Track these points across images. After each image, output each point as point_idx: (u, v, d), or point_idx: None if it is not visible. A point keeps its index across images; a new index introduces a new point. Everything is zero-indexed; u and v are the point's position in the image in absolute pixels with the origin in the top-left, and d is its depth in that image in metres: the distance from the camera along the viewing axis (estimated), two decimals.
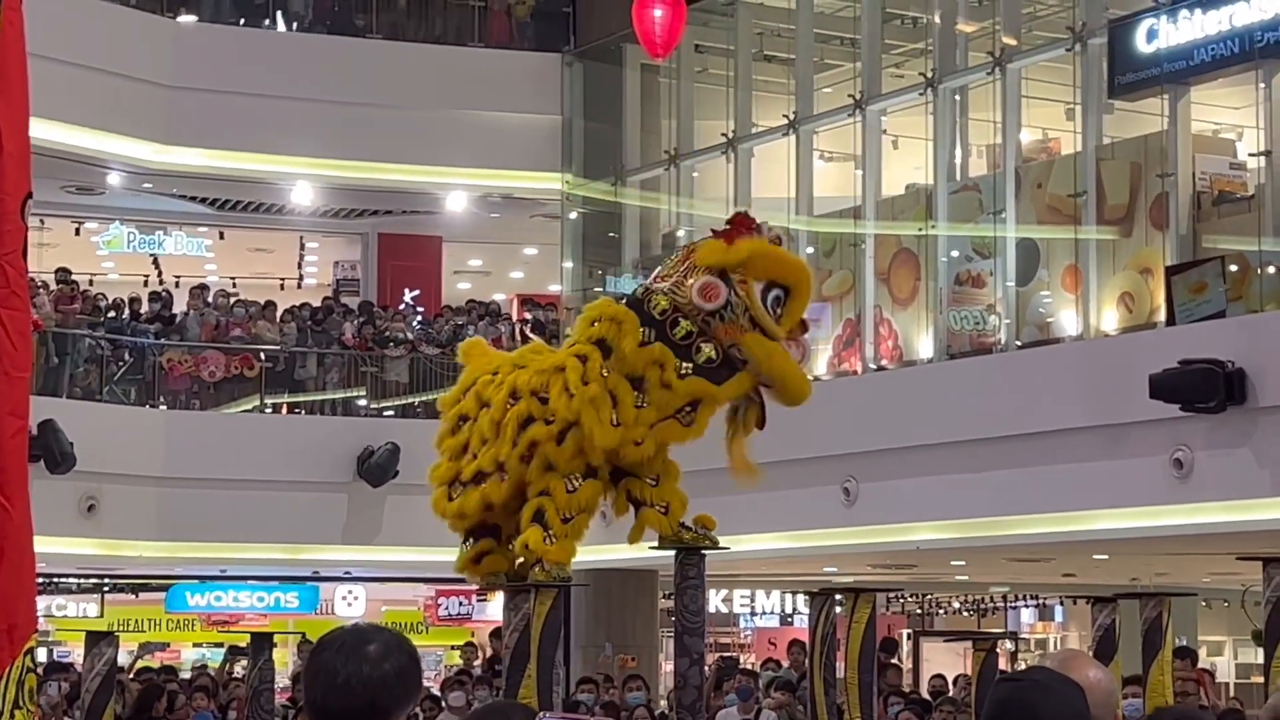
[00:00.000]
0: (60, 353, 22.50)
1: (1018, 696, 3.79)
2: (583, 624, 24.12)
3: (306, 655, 15.80)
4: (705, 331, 11.40)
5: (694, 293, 11.38)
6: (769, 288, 11.49)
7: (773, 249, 11.78)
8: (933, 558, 22.84)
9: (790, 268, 11.81)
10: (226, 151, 24.87)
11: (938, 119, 21.33)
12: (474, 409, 11.92)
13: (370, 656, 3.75)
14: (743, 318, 11.37)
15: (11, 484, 4.54)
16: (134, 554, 23.36)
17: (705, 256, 11.57)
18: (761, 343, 11.39)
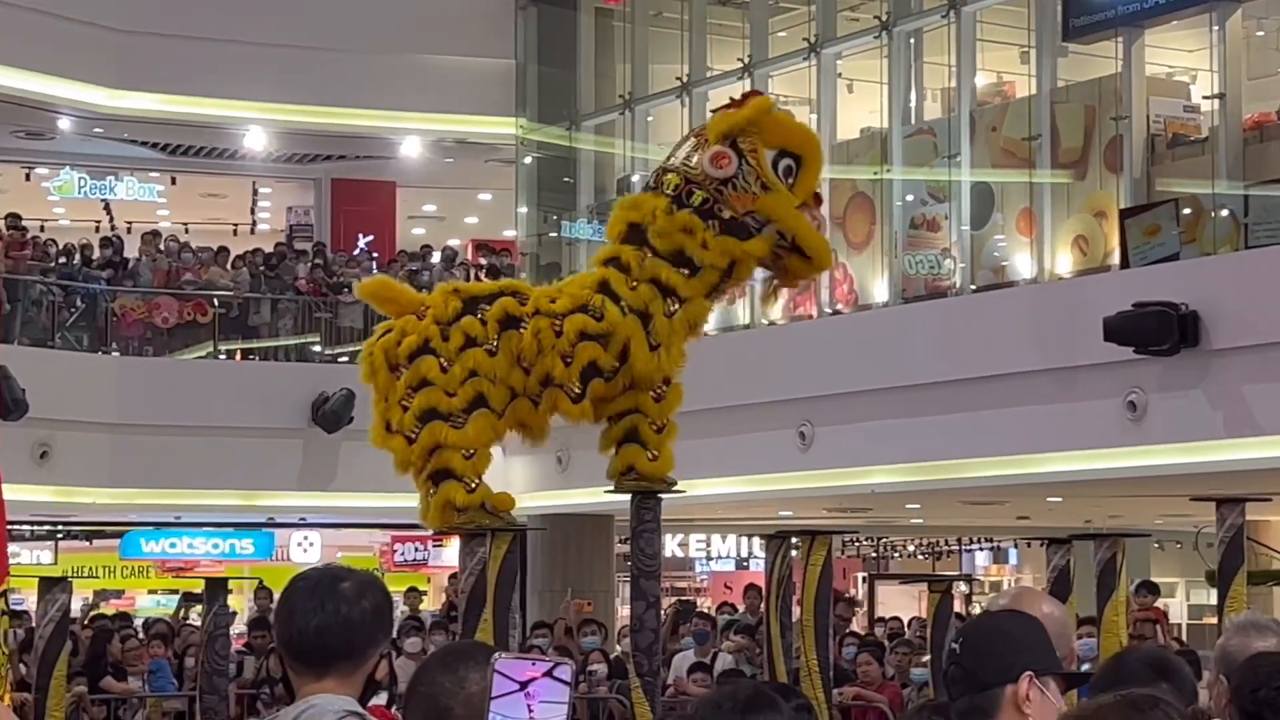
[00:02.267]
0: (11, 299, 22.41)
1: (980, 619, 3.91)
2: (539, 569, 24.20)
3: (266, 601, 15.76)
4: (719, 200, 11.39)
5: (705, 162, 11.38)
6: (780, 156, 11.45)
7: (782, 115, 11.83)
8: (887, 501, 22.96)
9: (800, 135, 11.80)
10: (178, 96, 24.73)
11: (892, 62, 21.35)
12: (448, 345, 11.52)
13: (346, 595, 3.77)
14: (754, 185, 11.36)
15: None
16: (88, 501, 23.32)
17: (715, 126, 11.58)
18: (777, 200, 11.38)
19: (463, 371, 11.31)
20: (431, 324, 11.41)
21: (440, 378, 11.30)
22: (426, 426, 11.30)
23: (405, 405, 11.37)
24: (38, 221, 26.68)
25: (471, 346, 11.34)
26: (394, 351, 11.47)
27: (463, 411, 11.30)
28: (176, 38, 24.29)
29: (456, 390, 11.29)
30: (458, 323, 11.39)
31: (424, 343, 11.39)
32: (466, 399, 11.31)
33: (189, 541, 28.16)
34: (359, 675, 3.78)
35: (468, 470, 11.33)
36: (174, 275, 24.77)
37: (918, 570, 33.88)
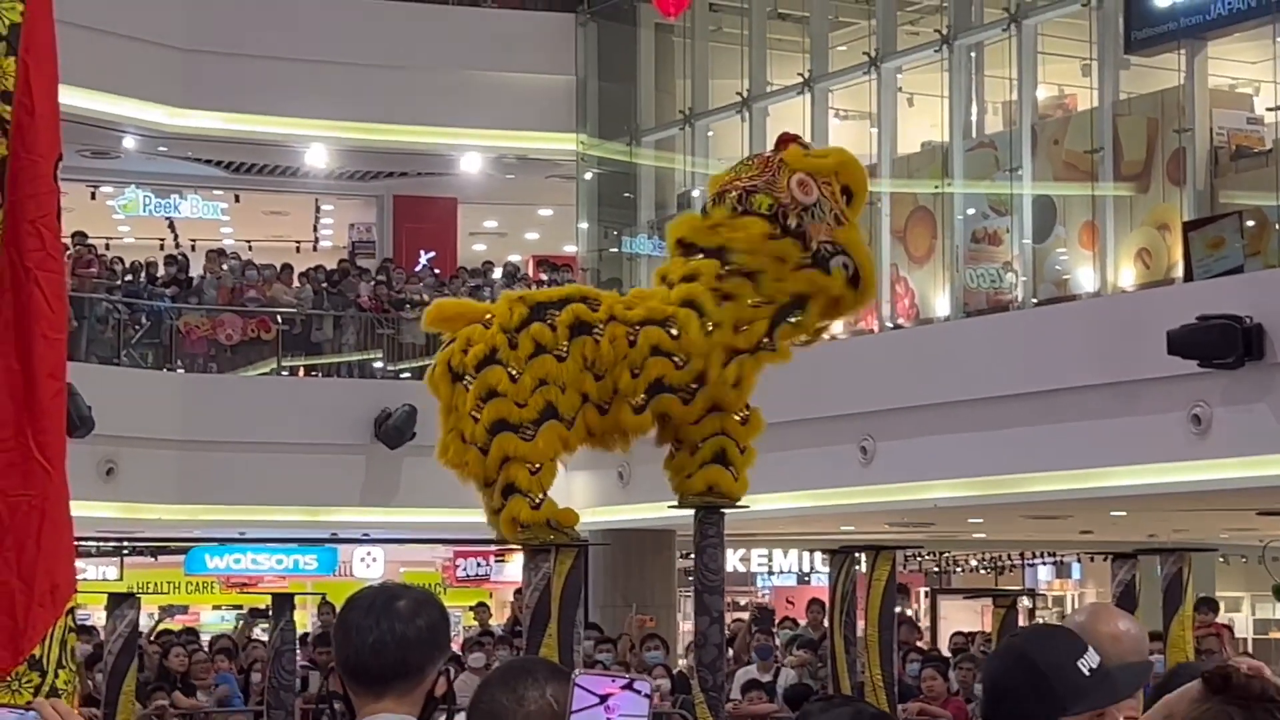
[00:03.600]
0: (78, 317, 22.56)
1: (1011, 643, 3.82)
2: (601, 584, 24.20)
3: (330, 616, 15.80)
4: (801, 225, 11.47)
5: (793, 186, 11.44)
6: (843, 191, 11.68)
7: (854, 157, 12.07)
8: (950, 516, 22.87)
9: (858, 173, 12.04)
10: (241, 114, 24.89)
11: (953, 76, 21.30)
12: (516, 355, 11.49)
13: (401, 613, 3.76)
14: (829, 216, 11.47)
15: (52, 446, 4.58)
16: (153, 517, 23.45)
17: (796, 161, 11.65)
18: (854, 234, 11.63)
19: (533, 380, 11.26)
20: (498, 332, 11.36)
21: (510, 388, 11.25)
22: (496, 439, 11.28)
23: (475, 416, 11.33)
24: (103, 240, 26.88)
25: (541, 353, 11.31)
26: (459, 361, 11.43)
27: (533, 423, 11.27)
28: (239, 56, 24.45)
29: (527, 400, 11.26)
30: (526, 329, 11.35)
31: (491, 351, 11.35)
32: (537, 409, 11.27)
33: (253, 557, 28.28)
34: (417, 693, 3.77)
35: (533, 486, 11.32)
36: (238, 292, 24.92)
37: (980, 584, 33.73)
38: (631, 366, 11.41)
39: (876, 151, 22.18)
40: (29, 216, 4.63)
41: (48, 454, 4.59)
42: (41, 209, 4.65)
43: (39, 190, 4.66)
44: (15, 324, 4.60)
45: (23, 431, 4.58)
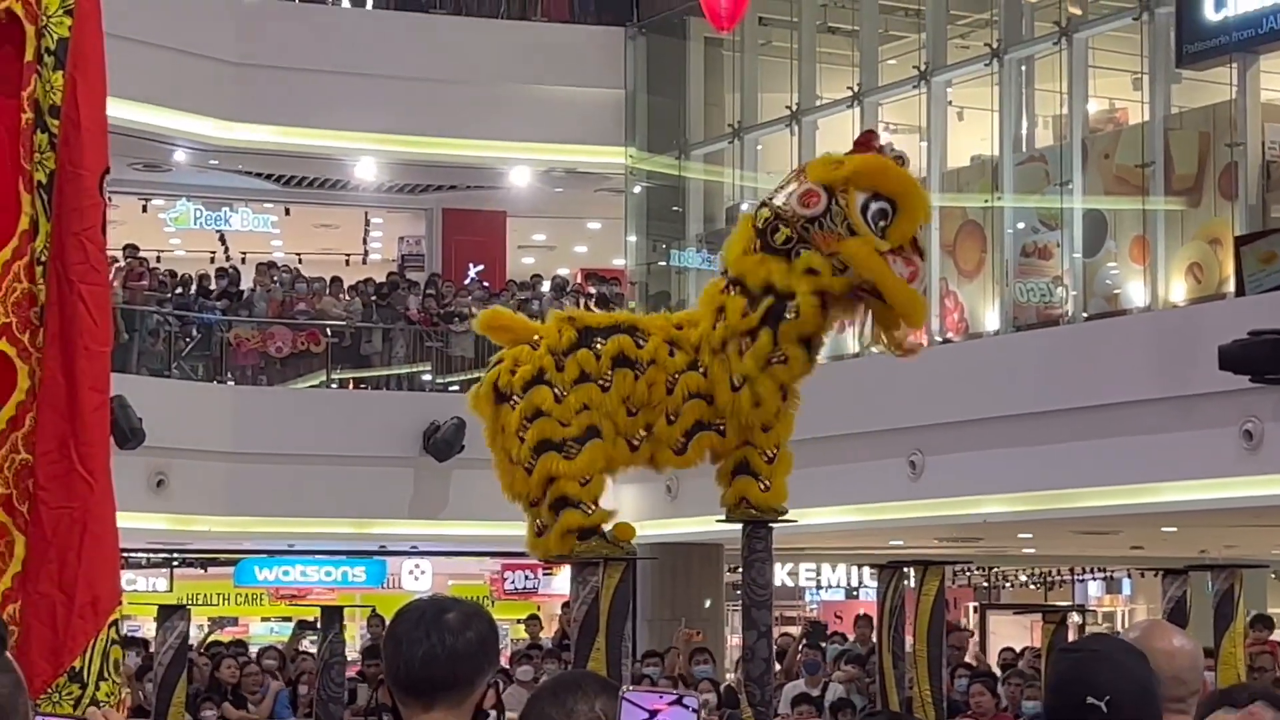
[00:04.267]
0: (129, 329, 22.67)
1: (1075, 669, 3.69)
2: (649, 597, 24.16)
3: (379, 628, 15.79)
4: (804, 239, 11.24)
5: (794, 200, 11.28)
6: (872, 199, 11.22)
7: (880, 162, 11.45)
8: (999, 531, 22.77)
9: (895, 180, 11.43)
10: (291, 128, 24.98)
11: (1003, 90, 21.22)
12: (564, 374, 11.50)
13: (451, 626, 3.76)
14: (841, 226, 11.17)
15: (94, 458, 4.60)
16: (203, 529, 23.53)
17: (814, 171, 11.47)
18: (857, 246, 11.10)
19: (577, 403, 11.29)
20: (546, 354, 11.38)
21: (555, 408, 11.26)
22: (541, 458, 11.28)
23: (521, 436, 11.35)
24: (154, 252, 27.00)
25: (585, 381, 11.32)
26: (506, 381, 11.46)
27: (576, 440, 11.27)
28: (289, 70, 24.54)
29: (570, 420, 11.27)
30: (573, 354, 11.36)
31: (539, 373, 11.36)
32: (581, 428, 11.29)
33: (302, 569, 28.34)
34: (467, 706, 3.77)
35: (583, 495, 11.31)
36: (288, 305, 25.00)
37: (1029, 600, 33.57)
38: (668, 413, 11.42)
39: (926, 165, 22.09)
40: (73, 229, 4.66)
41: (90, 466, 4.60)
42: (85, 221, 4.67)
43: (83, 203, 4.68)
44: (60, 337, 4.62)
45: (66, 444, 4.59)
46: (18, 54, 4.74)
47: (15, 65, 4.74)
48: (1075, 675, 3.67)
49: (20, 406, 4.65)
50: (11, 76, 4.74)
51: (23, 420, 4.64)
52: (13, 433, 4.64)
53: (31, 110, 4.72)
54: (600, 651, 11.03)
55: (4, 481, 4.62)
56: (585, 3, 27.07)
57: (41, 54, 4.73)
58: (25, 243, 4.68)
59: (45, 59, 4.72)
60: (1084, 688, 3.62)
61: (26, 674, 4.41)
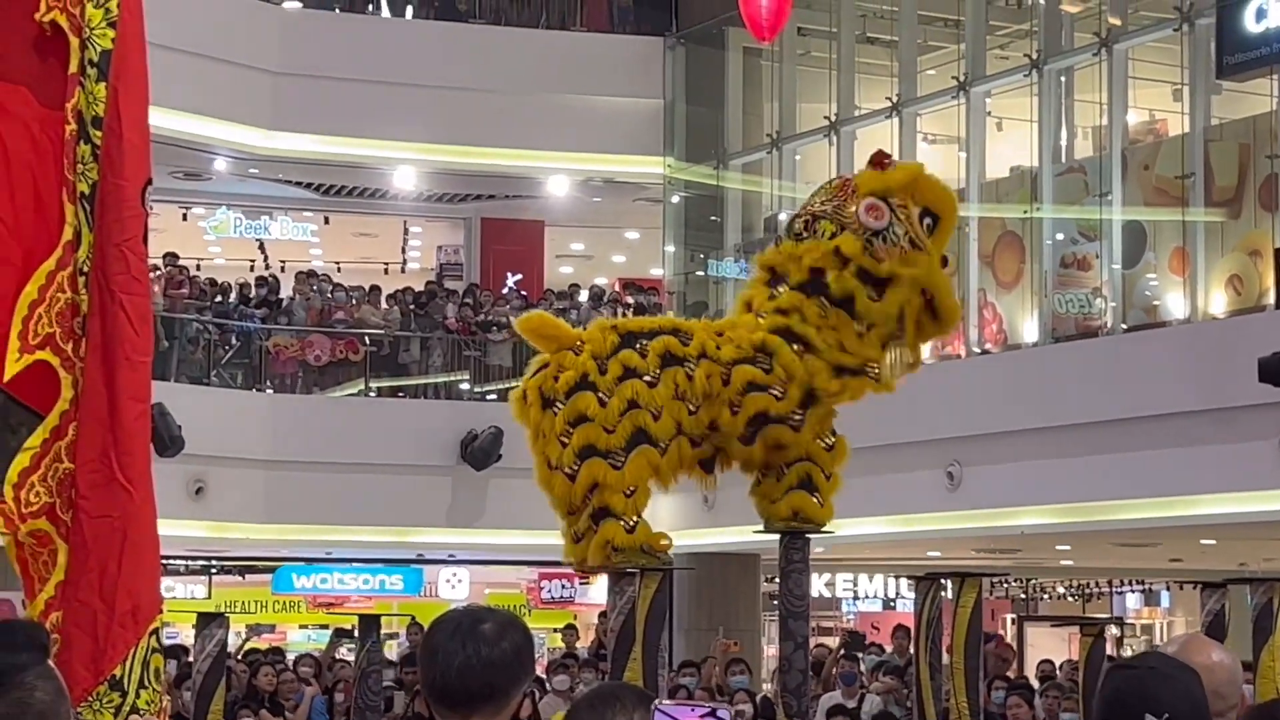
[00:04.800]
0: (168, 337, 22.77)
1: (1134, 686, 3.67)
2: (686, 608, 24.16)
3: (419, 636, 15.78)
4: (869, 250, 11.34)
5: (861, 212, 11.33)
6: (924, 214, 11.46)
7: (931, 176, 11.82)
8: (1037, 542, 22.71)
9: (945, 196, 11.77)
10: (331, 137, 25.08)
11: (1043, 100, 21.18)
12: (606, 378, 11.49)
13: (486, 637, 3.77)
14: (904, 240, 11.32)
15: (134, 467, 4.63)
16: (241, 536, 23.61)
17: (866, 183, 11.55)
18: (925, 259, 11.36)
19: (621, 403, 11.20)
20: (589, 359, 11.34)
21: (599, 413, 11.21)
22: (585, 464, 11.25)
23: (564, 441, 11.31)
24: (194, 260, 27.11)
25: (630, 377, 11.27)
26: (550, 387, 11.42)
27: (622, 450, 11.23)
28: (329, 79, 24.63)
29: (615, 426, 11.22)
30: (615, 355, 11.33)
31: (582, 377, 11.33)
32: (625, 435, 11.22)
33: (339, 577, 28.43)
34: (504, 716, 3.78)
35: (628, 509, 11.27)
36: (326, 313, 25.08)
37: (1067, 612, 33.45)
38: (730, 403, 11.38)
39: (965, 176, 22.08)
40: (115, 240, 4.69)
41: (130, 475, 4.63)
42: (127, 232, 4.70)
43: (125, 214, 4.71)
44: (102, 347, 4.65)
45: (107, 453, 4.62)
46: (62, 66, 4.78)
47: (60, 77, 4.78)
48: (1134, 692, 3.66)
49: (64, 416, 4.69)
50: (56, 88, 4.78)
51: (66, 430, 4.68)
52: (56, 442, 4.68)
53: (75, 122, 4.76)
54: (636, 662, 11.03)
55: (48, 490, 4.65)
56: (624, 13, 27.11)
57: (85, 66, 4.76)
58: (69, 253, 4.71)
59: (88, 71, 4.75)
60: (1143, 704, 3.61)
61: (68, 682, 4.45)
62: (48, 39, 4.76)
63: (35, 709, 2.90)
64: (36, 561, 4.66)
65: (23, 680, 2.91)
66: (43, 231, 4.72)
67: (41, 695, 2.91)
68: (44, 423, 4.68)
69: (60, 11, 4.75)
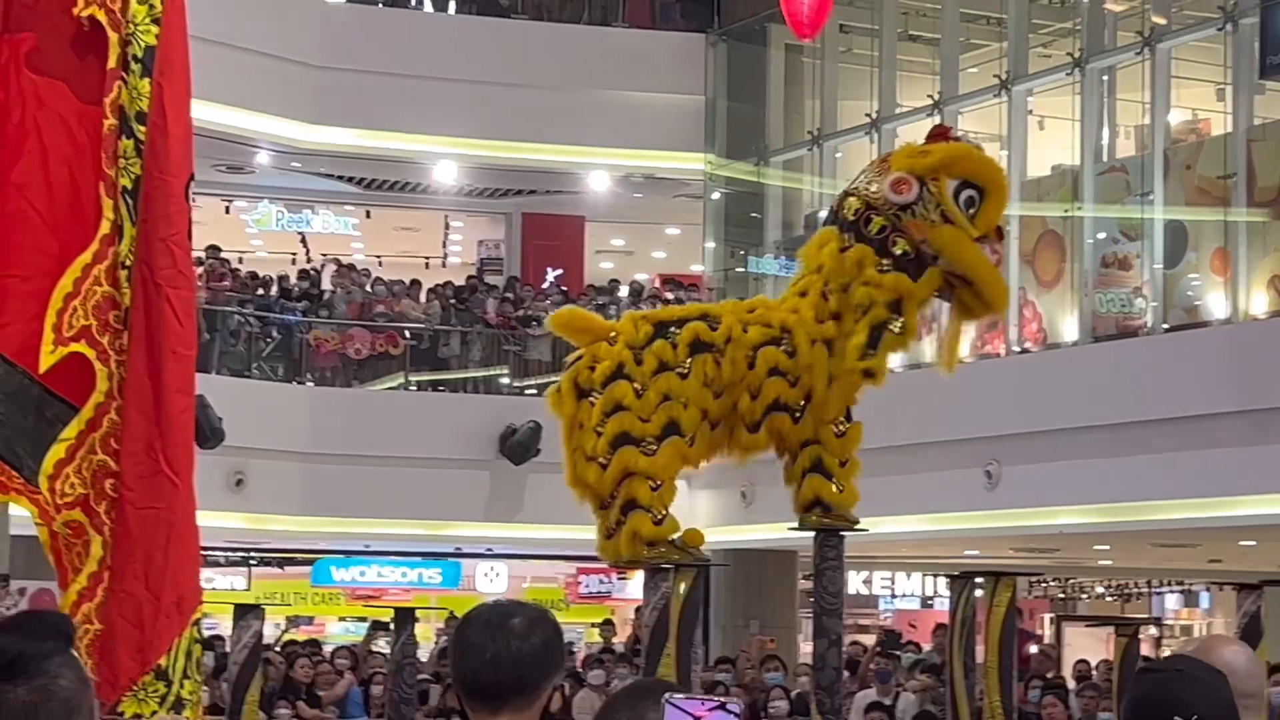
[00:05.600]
0: (210, 329, 22.88)
1: (1161, 688, 3.68)
2: (722, 604, 24.18)
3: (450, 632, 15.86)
4: (897, 226, 11.30)
5: (886, 187, 11.31)
6: (962, 186, 11.33)
7: (967, 149, 11.71)
8: (1076, 542, 22.68)
9: (985, 166, 11.66)
10: (373, 131, 25.15)
11: (1085, 99, 21.14)
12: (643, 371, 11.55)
13: (516, 631, 3.79)
14: (934, 213, 11.24)
15: (179, 460, 4.68)
16: (280, 528, 23.71)
17: (899, 160, 11.52)
18: (950, 232, 11.23)
19: (657, 396, 11.29)
20: (624, 348, 11.41)
21: (635, 403, 11.30)
22: (618, 452, 11.30)
23: (599, 431, 11.37)
24: (236, 253, 27.23)
25: (664, 370, 11.36)
26: (586, 377, 11.49)
27: (655, 438, 11.29)
28: (372, 74, 24.71)
29: (650, 415, 11.28)
30: (650, 346, 11.39)
31: (618, 367, 11.40)
32: (660, 424, 11.30)
33: (378, 570, 28.51)
34: (533, 710, 3.81)
35: (654, 502, 11.34)
36: (367, 307, 25.17)
37: (1106, 612, 33.34)
38: (750, 388, 11.42)
39: (1006, 174, 22.00)
40: (160, 234, 4.73)
41: (175, 467, 4.68)
42: (173, 227, 4.75)
43: (170, 209, 4.75)
44: (147, 340, 4.69)
45: (152, 446, 4.67)
46: (100, 61, 4.81)
47: (98, 72, 4.82)
48: (1161, 694, 3.66)
49: (98, 408, 4.71)
50: (94, 83, 4.82)
51: (100, 422, 4.71)
52: (90, 434, 4.71)
53: (115, 116, 4.79)
54: (670, 657, 11.08)
55: (82, 482, 4.69)
56: (667, 9, 27.14)
57: (128, 61, 4.80)
58: (106, 247, 4.74)
59: (132, 66, 4.79)
60: (1170, 707, 3.62)
61: (114, 672, 4.51)
62: (85, 34, 4.80)
63: (59, 696, 2.95)
64: (70, 552, 4.70)
65: (47, 668, 2.96)
66: (79, 225, 4.75)
67: (65, 683, 2.96)
68: (79, 415, 4.71)
69: (99, 7, 4.79)
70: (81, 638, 4.54)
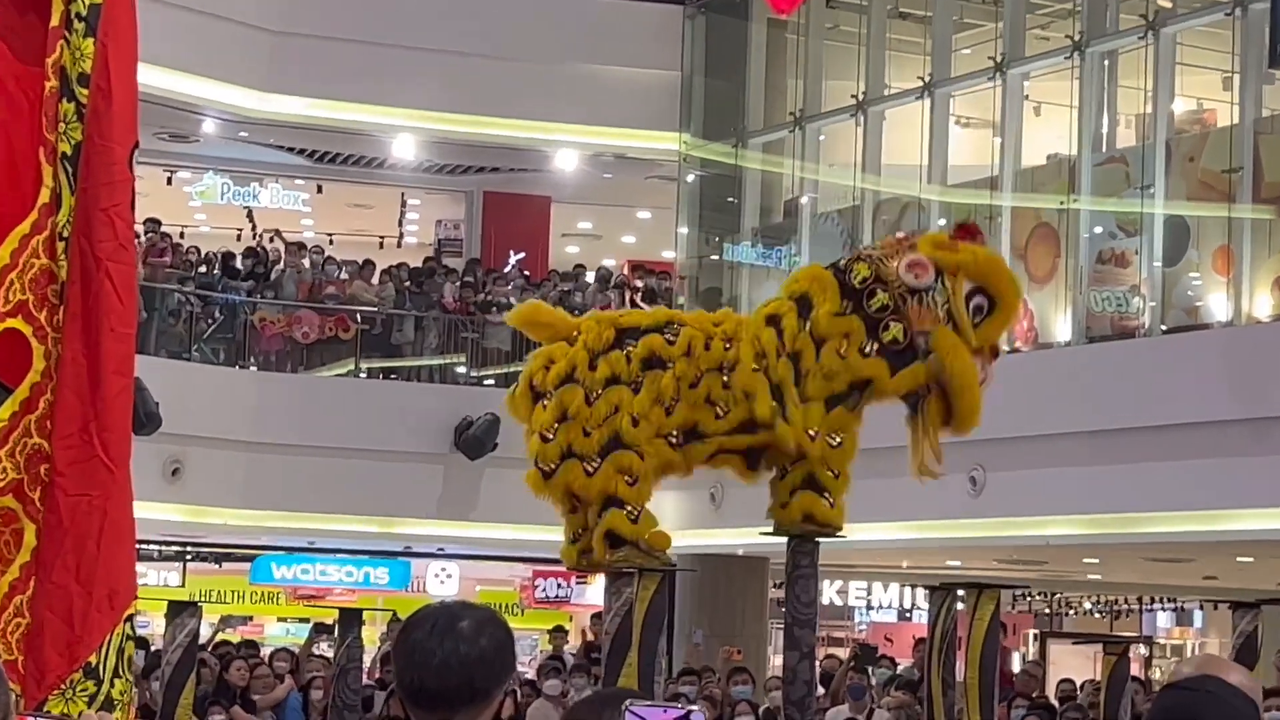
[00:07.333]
0: (148, 308, 22.81)
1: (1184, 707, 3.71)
2: (687, 612, 24.20)
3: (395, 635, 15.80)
4: (898, 310, 11.45)
5: (902, 266, 11.45)
6: (974, 292, 11.56)
7: (997, 259, 11.99)
8: (1064, 554, 22.75)
9: (1004, 281, 11.92)
10: (328, 101, 25.11)
11: (1084, 85, 21.20)
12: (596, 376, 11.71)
13: (465, 634, 3.78)
14: (940, 309, 11.43)
15: (116, 445, 4.63)
16: (218, 522, 23.68)
17: (924, 245, 11.70)
18: (951, 338, 11.46)
19: (607, 408, 11.43)
20: (581, 350, 11.52)
21: (583, 411, 11.42)
22: (563, 465, 11.45)
23: (546, 437, 11.50)
24: (178, 227, 27.16)
25: (615, 384, 11.50)
26: (541, 379, 11.59)
27: (597, 455, 11.44)
28: (329, 40, 24.66)
29: (593, 429, 11.44)
30: (606, 355, 11.51)
31: (570, 370, 11.51)
32: (599, 442, 11.47)
33: (321, 568, 28.47)
34: (484, 717, 3.81)
35: (631, 497, 11.45)
36: (316, 288, 25.13)
37: (1094, 629, 33.47)
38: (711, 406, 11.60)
39: (999, 163, 22.11)
40: (101, 205, 4.69)
41: (112, 453, 4.63)
42: (115, 197, 4.71)
43: (113, 178, 4.71)
44: (83, 316, 4.64)
45: (87, 429, 4.62)
46: (42, 20, 4.76)
47: (39, 31, 4.76)
48: (1186, 713, 3.70)
49: (34, 388, 4.65)
50: (35, 43, 4.76)
51: (36, 403, 4.64)
52: (26, 415, 4.64)
53: (57, 78, 4.73)
54: (632, 666, 11.12)
55: (15, 466, 4.62)
56: None
57: (70, 19, 4.74)
58: (45, 217, 4.69)
59: (75, 24, 4.73)
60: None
61: (40, 669, 4.48)
62: None
63: None
64: (0, 541, 4.65)
65: None
66: (16, 194, 4.69)
67: None
68: (13, 395, 4.64)
69: None
70: (12, 633, 4.52)
